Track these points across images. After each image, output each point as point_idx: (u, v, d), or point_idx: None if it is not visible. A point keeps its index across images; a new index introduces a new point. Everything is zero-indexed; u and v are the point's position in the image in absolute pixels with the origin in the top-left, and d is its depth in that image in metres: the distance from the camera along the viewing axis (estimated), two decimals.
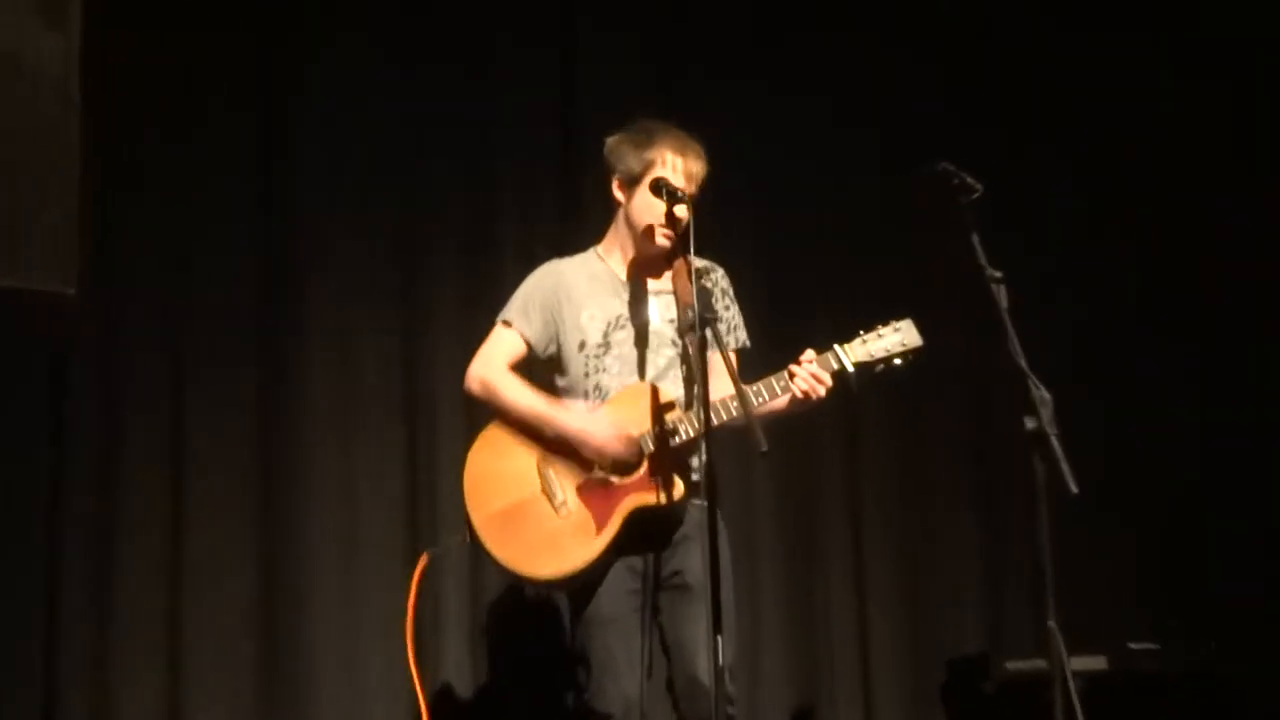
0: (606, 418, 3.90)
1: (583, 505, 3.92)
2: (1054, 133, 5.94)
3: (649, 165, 3.99)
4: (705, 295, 3.63)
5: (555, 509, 3.91)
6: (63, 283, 2.64)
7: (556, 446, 3.96)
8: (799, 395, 3.90)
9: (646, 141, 4.02)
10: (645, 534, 3.91)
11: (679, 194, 3.87)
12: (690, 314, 3.59)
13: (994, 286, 3.56)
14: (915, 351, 4.00)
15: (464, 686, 5.02)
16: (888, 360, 3.97)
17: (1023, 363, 3.47)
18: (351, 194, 5.18)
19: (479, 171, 5.32)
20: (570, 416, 3.95)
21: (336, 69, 5.19)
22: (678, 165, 3.98)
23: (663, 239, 3.97)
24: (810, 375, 3.88)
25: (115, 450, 4.86)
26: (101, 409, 4.86)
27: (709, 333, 3.60)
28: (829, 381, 3.91)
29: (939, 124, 5.65)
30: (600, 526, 3.88)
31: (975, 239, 3.58)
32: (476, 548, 3.96)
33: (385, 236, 5.22)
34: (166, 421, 4.91)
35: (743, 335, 4.20)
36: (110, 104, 4.75)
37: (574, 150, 5.28)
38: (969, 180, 3.63)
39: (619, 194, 4.08)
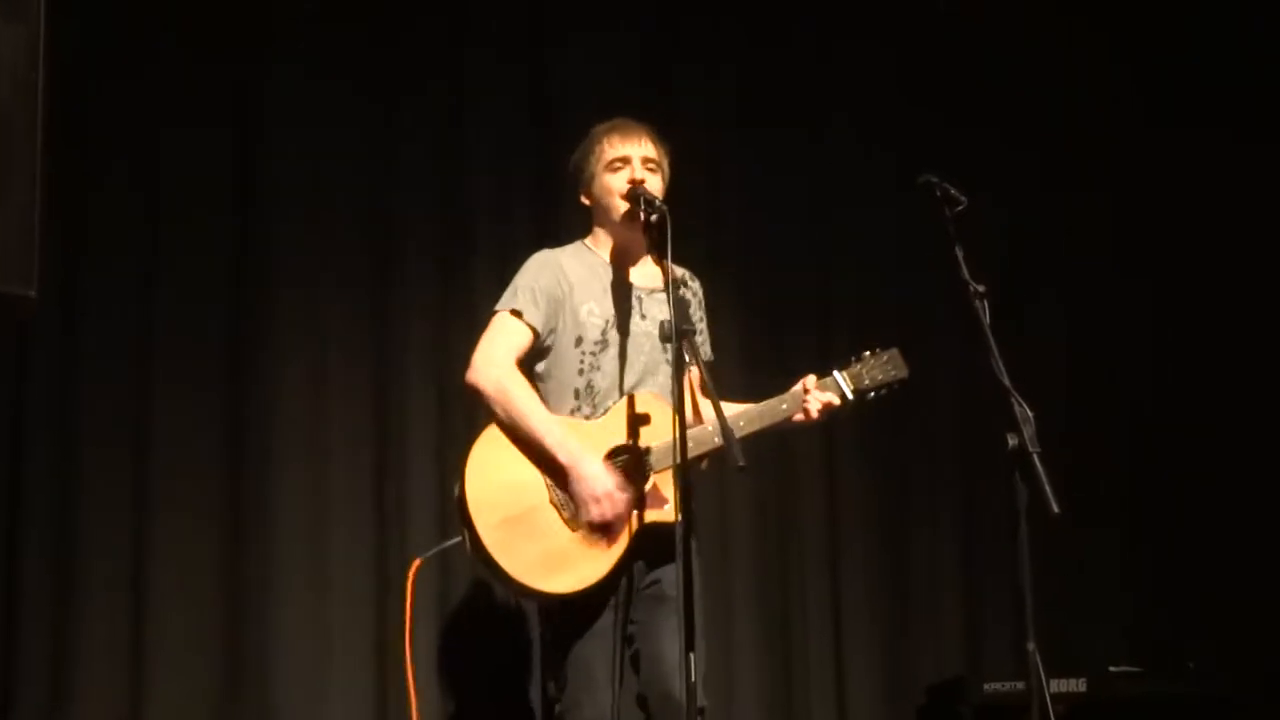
0: (613, 482, 3.80)
1: None
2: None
3: (599, 155, 4.05)
4: (683, 306, 3.57)
5: (566, 521, 3.83)
6: (23, 285, 2.55)
7: None
8: (813, 417, 4.01)
9: (590, 140, 4.11)
10: (647, 548, 3.84)
11: (655, 201, 3.84)
12: (667, 326, 3.54)
13: (977, 301, 3.52)
14: (902, 382, 4.12)
15: (432, 696, 4.94)
16: (878, 389, 4.10)
17: (1005, 379, 3.43)
18: (322, 204, 5.11)
19: (452, 178, 5.28)
20: (586, 466, 3.81)
21: (307, 72, 5.13)
22: (615, 139, 4.05)
23: (621, 204, 3.96)
24: (822, 403, 4.00)
25: (75, 466, 4.79)
26: (63, 423, 4.79)
27: (685, 345, 3.54)
28: (837, 403, 4.03)
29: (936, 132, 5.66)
30: (612, 540, 3.81)
31: (959, 252, 3.54)
32: (477, 556, 3.82)
33: (357, 244, 5.16)
34: (130, 434, 4.84)
35: (708, 349, 4.17)
36: (76, 103, 4.75)
37: (549, 157, 5.24)
38: (953, 192, 3.59)
39: (585, 199, 4.11)
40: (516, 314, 3.98)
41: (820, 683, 5.44)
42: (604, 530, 3.80)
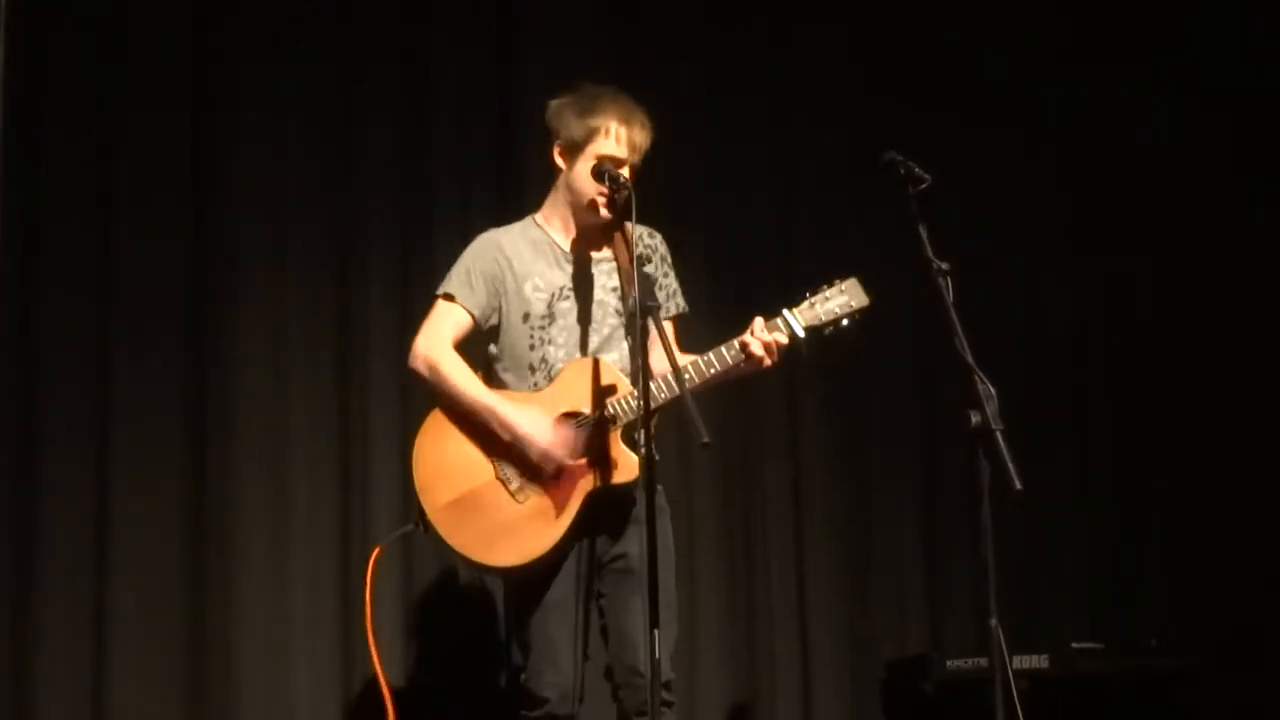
0: (548, 424, 3.85)
1: (539, 490, 3.87)
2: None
3: (592, 134, 3.93)
4: (647, 282, 3.57)
5: (512, 495, 3.87)
6: None
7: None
8: (756, 358, 3.85)
9: (590, 109, 3.95)
10: (602, 516, 3.87)
11: (620, 180, 3.83)
12: (632, 302, 3.53)
13: (940, 279, 3.52)
14: (863, 311, 3.94)
15: (398, 671, 4.93)
16: (836, 322, 3.91)
17: (968, 357, 3.43)
18: (283, 182, 5.09)
19: (414, 156, 5.26)
20: (518, 417, 3.87)
21: (266, 50, 5.10)
22: (621, 135, 3.92)
23: (604, 211, 3.92)
24: (763, 343, 3.84)
25: (35, 460, 4.77)
26: (21, 404, 4.77)
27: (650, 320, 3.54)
28: (785, 341, 3.86)
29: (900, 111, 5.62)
30: (560, 510, 3.84)
31: (923, 230, 3.54)
32: (431, 538, 3.93)
33: (318, 222, 5.13)
34: (91, 422, 4.82)
35: (681, 301, 4.15)
36: (36, 98, 4.74)
37: (511, 137, 5.23)
38: (917, 170, 3.59)
39: (560, 161, 4.03)
40: (450, 298, 4.03)
41: (784, 660, 5.44)
42: (561, 484, 3.82)
